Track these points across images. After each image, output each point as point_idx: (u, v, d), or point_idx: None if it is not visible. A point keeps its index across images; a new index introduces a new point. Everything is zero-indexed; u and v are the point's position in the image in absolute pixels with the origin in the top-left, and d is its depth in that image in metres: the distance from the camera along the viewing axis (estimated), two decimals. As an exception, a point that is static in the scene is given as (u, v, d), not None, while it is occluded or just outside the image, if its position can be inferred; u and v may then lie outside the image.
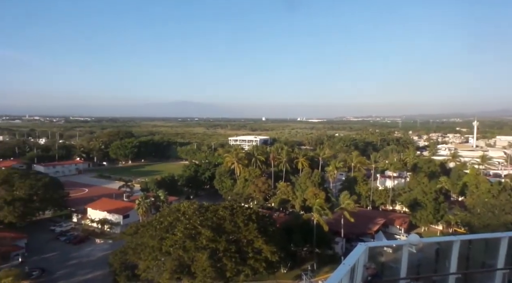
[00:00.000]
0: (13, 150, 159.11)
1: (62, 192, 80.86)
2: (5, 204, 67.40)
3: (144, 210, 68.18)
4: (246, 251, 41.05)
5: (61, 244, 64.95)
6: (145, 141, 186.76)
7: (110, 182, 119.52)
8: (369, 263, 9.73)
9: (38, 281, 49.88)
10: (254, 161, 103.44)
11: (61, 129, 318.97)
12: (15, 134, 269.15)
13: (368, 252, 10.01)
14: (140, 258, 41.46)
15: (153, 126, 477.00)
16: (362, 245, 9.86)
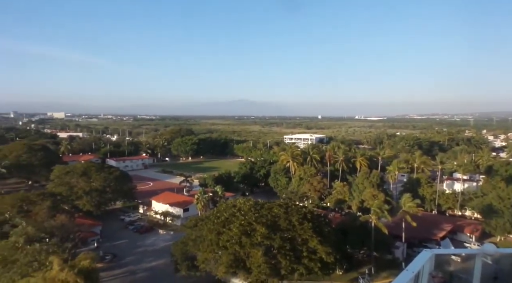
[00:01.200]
0: (91, 146, 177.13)
1: (130, 185, 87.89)
2: (84, 194, 75.52)
3: (202, 204, 71.47)
4: (301, 250, 40.93)
5: (129, 232, 70.81)
6: (203, 139, 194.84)
7: (172, 177, 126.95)
8: (435, 271, 9.14)
9: (110, 265, 55.00)
10: (309, 159, 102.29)
11: (130, 127, 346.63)
12: (92, 131, 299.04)
13: (434, 259, 9.40)
14: (199, 250, 43.62)
15: (212, 124, 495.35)
16: (428, 252, 9.29)
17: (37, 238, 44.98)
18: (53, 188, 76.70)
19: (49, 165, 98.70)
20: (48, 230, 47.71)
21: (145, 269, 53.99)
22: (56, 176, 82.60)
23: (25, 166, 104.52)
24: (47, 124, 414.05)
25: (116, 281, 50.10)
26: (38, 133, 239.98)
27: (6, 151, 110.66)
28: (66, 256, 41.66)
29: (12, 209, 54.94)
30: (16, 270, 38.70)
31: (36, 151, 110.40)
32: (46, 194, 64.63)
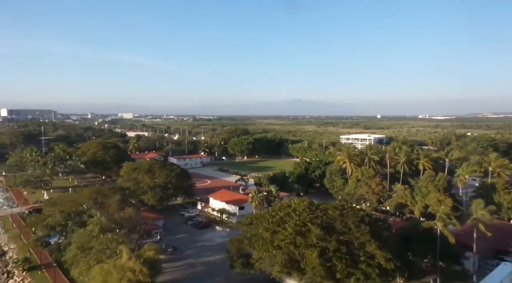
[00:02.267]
0: (155, 144, 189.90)
1: (190, 182, 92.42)
2: (148, 189, 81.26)
3: (257, 203, 72.53)
4: (358, 254, 39.50)
5: (188, 227, 74.51)
6: (259, 138, 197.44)
7: (228, 176, 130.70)
8: None
9: (171, 257, 58.42)
10: (367, 160, 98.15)
11: (189, 127, 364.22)
12: (156, 131, 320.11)
13: None
14: (254, 248, 44.33)
15: (267, 124, 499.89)
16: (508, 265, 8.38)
17: (109, 228, 49.36)
18: (122, 183, 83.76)
19: (119, 161, 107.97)
20: (118, 222, 52.11)
21: (203, 263, 56.42)
22: (125, 172, 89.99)
23: (99, 162, 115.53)
24: (118, 124, 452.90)
25: (177, 273, 53.02)
26: (111, 132, 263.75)
27: (85, 148, 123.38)
28: (133, 246, 45.23)
29: (89, 201, 61.14)
30: (92, 256, 43.00)
31: (108, 149, 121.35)
32: (117, 188, 70.79)
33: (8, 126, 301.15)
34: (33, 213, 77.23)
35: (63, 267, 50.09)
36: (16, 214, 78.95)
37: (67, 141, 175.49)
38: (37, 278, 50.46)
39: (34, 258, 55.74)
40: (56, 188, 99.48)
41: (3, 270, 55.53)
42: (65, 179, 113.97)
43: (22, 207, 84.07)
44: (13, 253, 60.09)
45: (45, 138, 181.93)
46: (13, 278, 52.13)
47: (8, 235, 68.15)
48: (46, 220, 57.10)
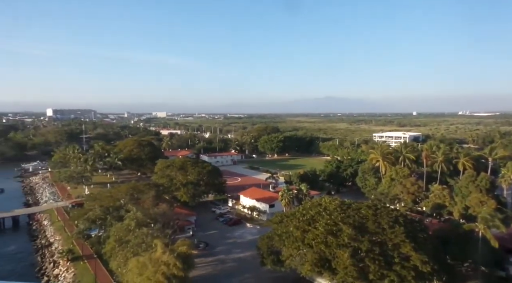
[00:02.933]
0: (187, 142, 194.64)
1: (221, 179, 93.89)
2: (181, 186, 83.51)
3: (287, 201, 72.36)
4: (392, 256, 38.35)
5: (219, 224, 75.77)
6: (289, 136, 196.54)
7: (259, 173, 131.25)
8: None
9: (203, 252, 59.78)
10: (402, 159, 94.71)
11: (220, 125, 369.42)
12: (188, 129, 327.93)
13: None
14: (284, 245, 44.36)
15: (297, 122, 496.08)
16: None
17: (144, 223, 51.40)
18: (157, 180, 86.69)
19: (154, 159, 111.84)
20: (153, 217, 54.11)
21: (233, 260, 57.23)
22: (159, 169, 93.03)
23: (135, 159, 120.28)
24: (152, 123, 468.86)
25: (208, 268, 54.20)
26: (145, 131, 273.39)
27: (121, 146, 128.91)
28: (167, 241, 46.74)
29: (126, 196, 63.94)
30: (129, 249, 44.98)
31: (144, 146, 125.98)
32: (151, 185, 73.43)
33: (53, 125, 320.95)
34: (75, 207, 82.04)
35: (102, 259, 52.81)
36: (60, 207, 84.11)
37: (105, 139, 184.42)
38: (79, 268, 53.56)
39: (76, 249, 59.16)
40: (96, 184, 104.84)
41: (49, 259, 59.49)
42: (103, 175, 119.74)
43: (66, 201, 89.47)
44: (58, 244, 64.10)
45: (86, 136, 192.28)
46: (58, 268, 55.69)
47: (53, 227, 72.80)
48: (87, 214, 60.41)
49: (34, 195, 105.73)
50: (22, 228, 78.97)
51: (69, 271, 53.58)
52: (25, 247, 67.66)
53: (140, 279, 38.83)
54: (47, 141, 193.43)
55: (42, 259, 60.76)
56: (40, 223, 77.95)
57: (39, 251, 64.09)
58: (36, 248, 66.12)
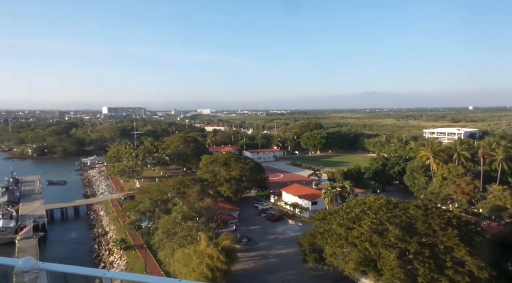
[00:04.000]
0: (230, 138, 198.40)
1: (263, 175, 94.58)
2: (225, 181, 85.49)
3: (330, 198, 71.08)
4: (443, 259, 36.20)
5: (261, 219, 76.50)
6: (332, 133, 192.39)
7: (301, 170, 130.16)
8: None
9: (245, 247, 60.84)
10: (456, 157, 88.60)
11: (263, 121, 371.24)
12: (231, 126, 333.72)
13: None
14: (327, 243, 43.74)
15: (341, 118, 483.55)
16: None
17: (190, 216, 53.50)
18: (201, 175, 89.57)
19: (199, 154, 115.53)
20: (198, 210, 56.12)
21: (275, 256, 57.55)
22: (204, 164, 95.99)
23: (181, 155, 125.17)
24: (197, 119, 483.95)
25: (251, 263, 55.07)
26: (191, 127, 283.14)
27: (169, 142, 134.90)
28: (211, 235, 48.26)
29: (173, 190, 66.94)
30: (175, 241, 47.16)
31: (189, 142, 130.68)
32: (197, 180, 76.05)
33: (108, 122, 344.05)
34: (127, 199, 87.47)
35: (152, 249, 55.86)
36: (114, 199, 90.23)
37: (154, 135, 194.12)
38: (131, 257, 57.18)
39: (129, 239, 63.16)
40: (145, 178, 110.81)
41: (105, 247, 64.23)
42: (152, 170, 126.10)
43: (119, 194, 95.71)
44: (112, 234, 68.93)
45: (137, 133, 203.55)
46: (113, 255, 59.96)
47: (109, 217, 78.35)
48: (138, 206, 64.18)
49: (91, 187, 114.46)
50: (82, 217, 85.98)
51: (122, 259, 57.42)
52: (84, 235, 73.70)
53: (186, 270, 40.57)
54: (103, 137, 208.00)
55: (99, 246, 65.76)
56: (97, 213, 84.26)
57: (96, 239, 69.41)
58: (93, 236, 71.66)
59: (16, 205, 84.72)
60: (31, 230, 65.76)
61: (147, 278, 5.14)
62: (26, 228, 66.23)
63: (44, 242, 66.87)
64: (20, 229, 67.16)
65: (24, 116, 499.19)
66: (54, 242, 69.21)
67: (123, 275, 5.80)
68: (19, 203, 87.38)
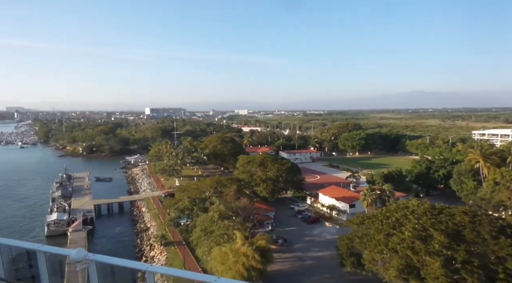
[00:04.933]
0: (267, 139, 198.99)
1: (299, 176, 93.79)
2: (261, 182, 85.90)
3: (369, 202, 68.86)
4: (495, 270, 33.69)
5: (297, 221, 75.82)
6: (372, 134, 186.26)
7: (338, 172, 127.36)
8: None
9: (281, 248, 60.63)
10: (510, 160, 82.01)
11: (300, 122, 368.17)
12: (268, 126, 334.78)
13: None
14: (366, 248, 42.41)
15: (381, 118, 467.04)
16: None
17: (227, 215, 54.43)
18: (238, 175, 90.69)
19: (236, 154, 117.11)
20: (234, 210, 56.94)
21: (311, 258, 56.81)
22: (240, 164, 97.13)
23: (219, 154, 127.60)
24: (234, 120, 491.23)
25: (286, 264, 54.82)
26: (228, 128, 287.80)
27: (207, 142, 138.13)
28: (247, 234, 48.77)
29: (210, 189, 68.52)
30: (212, 239, 48.21)
31: (226, 142, 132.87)
32: (233, 179, 77.18)
33: (150, 122, 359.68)
34: (167, 196, 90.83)
35: (190, 246, 57.55)
36: (156, 197, 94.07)
37: (193, 135, 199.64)
38: (171, 253, 59.29)
39: (168, 235, 65.55)
40: (184, 177, 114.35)
41: (147, 242, 67.20)
42: (191, 169, 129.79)
43: (160, 191, 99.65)
44: (153, 230, 71.92)
45: (177, 133, 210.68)
46: (153, 250, 62.57)
47: (150, 214, 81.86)
48: (177, 204, 66.42)
49: (135, 184, 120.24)
50: (126, 213, 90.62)
51: (162, 254, 59.72)
52: (128, 230, 77.64)
53: (222, 268, 41.32)
54: (146, 137, 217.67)
55: (141, 241, 68.92)
56: (140, 210, 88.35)
57: (139, 234, 72.80)
58: (136, 231, 75.25)
59: (69, 200, 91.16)
60: (81, 224, 70.44)
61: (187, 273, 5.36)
62: (76, 221, 71.05)
63: (92, 235, 71.29)
64: (72, 222, 72.14)
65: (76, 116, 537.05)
66: (101, 236, 73.62)
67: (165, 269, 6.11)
68: (71, 197, 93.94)
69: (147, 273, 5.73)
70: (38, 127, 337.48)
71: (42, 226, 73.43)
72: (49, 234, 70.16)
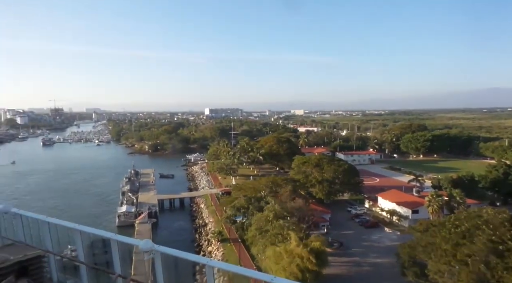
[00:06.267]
0: (323, 139, 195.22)
1: (357, 178, 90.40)
2: (317, 183, 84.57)
3: (435, 208, 64.13)
4: None
5: (354, 224, 73.17)
6: (439, 135, 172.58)
7: (400, 175, 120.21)
8: None
9: (337, 251, 59.02)
10: None
11: (358, 122, 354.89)
12: (324, 127, 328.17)
13: None
14: (430, 258, 39.48)
15: (450, 118, 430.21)
16: None
17: (282, 215, 54.55)
18: (294, 175, 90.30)
19: (291, 155, 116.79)
20: (289, 210, 56.83)
21: (370, 264, 54.47)
22: (296, 165, 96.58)
23: (274, 155, 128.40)
24: (290, 120, 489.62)
25: (342, 269, 53.24)
26: (284, 128, 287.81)
27: (263, 142, 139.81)
28: (301, 235, 48.37)
29: (265, 189, 69.29)
30: (267, 238, 48.69)
31: (282, 143, 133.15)
32: (289, 180, 77.16)
33: (209, 122, 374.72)
34: (224, 194, 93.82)
35: (245, 244, 58.76)
36: (213, 194, 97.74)
37: (249, 135, 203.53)
38: (227, 249, 61.16)
39: (225, 232, 67.64)
40: (240, 175, 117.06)
41: (205, 238, 70.18)
42: (247, 168, 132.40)
43: (217, 189, 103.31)
44: (211, 226, 74.82)
45: (234, 133, 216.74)
46: (211, 246, 65.13)
47: (208, 210, 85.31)
48: (234, 202, 68.27)
49: (194, 181, 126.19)
50: (186, 209, 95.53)
51: (219, 250, 61.86)
52: (187, 225, 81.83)
53: (276, 268, 41.56)
54: (205, 136, 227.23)
55: (199, 236, 72.15)
56: (199, 206, 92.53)
57: (197, 230, 76.29)
58: (195, 227, 78.96)
59: (136, 194, 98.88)
60: (146, 216, 75.96)
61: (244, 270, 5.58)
62: (143, 214, 76.78)
63: (155, 228, 76.42)
64: (138, 215, 78.13)
65: (143, 117, 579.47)
66: (163, 228, 78.58)
67: (224, 265, 6.41)
68: (138, 192, 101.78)
69: (207, 267, 6.07)
70: (111, 126, 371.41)
71: (114, 217, 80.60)
72: (119, 224, 76.80)
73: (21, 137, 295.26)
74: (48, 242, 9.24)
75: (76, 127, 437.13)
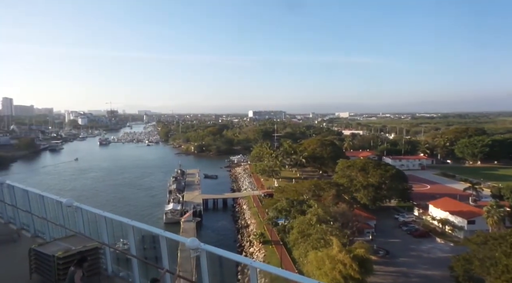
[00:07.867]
0: (369, 143, 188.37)
1: (406, 184, 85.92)
2: (361, 188, 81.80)
3: (494, 219, 59.06)
4: None
5: (402, 233, 69.62)
6: (500, 140, 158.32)
7: (453, 182, 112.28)
8: None
9: (383, 260, 56.60)
10: None
11: (407, 126, 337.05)
12: (371, 130, 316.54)
13: None
14: (489, 273, 36.46)
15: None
16: None
17: (324, 220, 53.61)
18: (337, 179, 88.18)
19: (335, 158, 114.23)
20: (332, 215, 55.68)
21: (418, 275, 51.53)
22: (340, 168, 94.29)
23: (318, 158, 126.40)
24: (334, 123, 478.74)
25: (389, 278, 50.94)
26: (328, 131, 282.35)
27: (306, 145, 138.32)
28: (345, 241, 47.09)
29: (308, 192, 68.55)
30: (309, 242, 48.11)
31: (326, 145, 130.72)
32: (332, 184, 75.53)
33: (253, 124, 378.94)
34: (266, 196, 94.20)
35: (287, 246, 58.53)
36: (256, 195, 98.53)
37: (292, 138, 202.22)
38: (268, 251, 61.32)
39: (267, 234, 67.88)
40: (283, 178, 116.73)
41: (247, 239, 71.00)
42: (289, 171, 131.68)
43: (260, 191, 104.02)
44: (253, 227, 75.49)
45: (277, 135, 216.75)
46: (253, 247, 65.74)
47: (250, 212, 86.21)
48: (276, 204, 68.32)
49: (237, 182, 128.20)
50: (229, 209, 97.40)
51: (261, 251, 62.22)
52: (230, 225, 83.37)
53: (318, 273, 40.89)
54: (248, 138, 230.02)
55: (241, 237, 73.12)
56: (241, 207, 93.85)
57: (240, 230, 77.36)
58: (237, 227, 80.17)
59: (182, 193, 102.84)
60: (191, 215, 78.66)
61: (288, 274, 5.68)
62: (188, 213, 79.63)
63: (199, 226, 78.88)
64: (184, 213, 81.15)
65: (189, 118, 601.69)
66: (207, 227, 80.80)
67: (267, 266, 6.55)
68: (184, 191, 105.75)
69: (251, 268, 6.25)
70: (160, 128, 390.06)
71: (161, 214, 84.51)
72: (166, 221, 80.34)
73: (81, 136, 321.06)
74: (104, 235, 10.06)
75: (128, 128, 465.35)
